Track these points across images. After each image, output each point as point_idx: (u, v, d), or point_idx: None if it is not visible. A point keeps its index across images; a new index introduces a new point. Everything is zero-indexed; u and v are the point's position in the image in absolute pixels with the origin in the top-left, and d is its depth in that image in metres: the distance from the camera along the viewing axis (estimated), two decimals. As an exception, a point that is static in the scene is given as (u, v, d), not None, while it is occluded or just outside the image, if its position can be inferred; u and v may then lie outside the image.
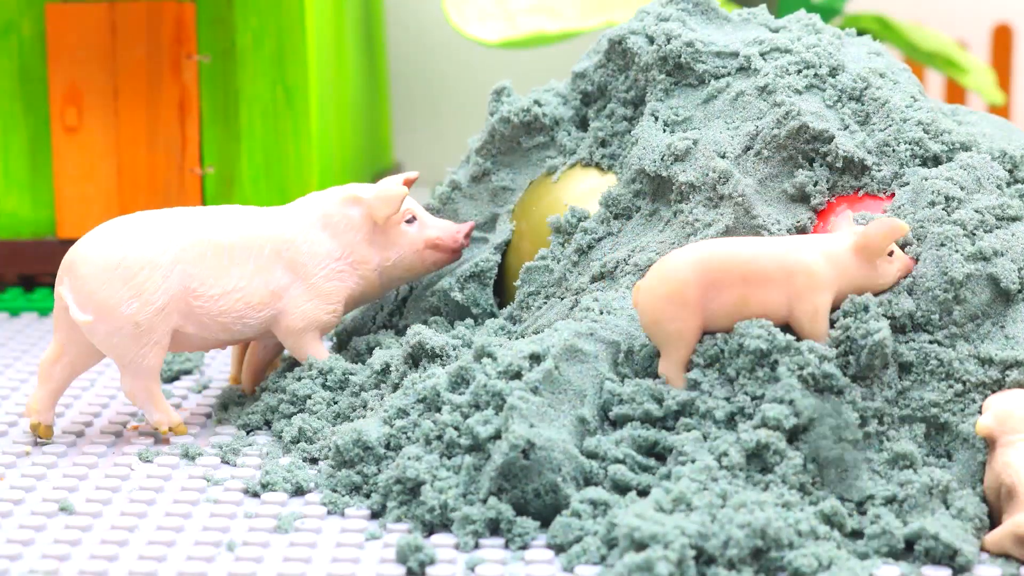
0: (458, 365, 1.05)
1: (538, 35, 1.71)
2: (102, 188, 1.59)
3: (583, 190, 1.24)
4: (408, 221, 1.22)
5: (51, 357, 1.15)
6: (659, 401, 1.02)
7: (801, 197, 1.13)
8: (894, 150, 1.13)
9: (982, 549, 0.95)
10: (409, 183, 1.23)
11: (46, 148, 1.61)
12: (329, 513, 1.03)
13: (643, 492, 0.99)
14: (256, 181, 1.62)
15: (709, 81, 1.20)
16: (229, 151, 1.62)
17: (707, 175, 1.13)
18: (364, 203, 1.20)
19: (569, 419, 1.01)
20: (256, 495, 1.06)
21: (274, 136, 1.62)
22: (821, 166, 1.13)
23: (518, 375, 1.02)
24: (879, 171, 1.12)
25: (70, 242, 1.60)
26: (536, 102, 1.27)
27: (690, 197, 1.13)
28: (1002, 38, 2.18)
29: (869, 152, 1.13)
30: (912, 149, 1.13)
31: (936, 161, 1.13)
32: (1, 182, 1.61)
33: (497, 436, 1.00)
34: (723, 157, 1.14)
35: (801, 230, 1.11)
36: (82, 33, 1.58)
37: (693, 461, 0.98)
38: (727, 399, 1.01)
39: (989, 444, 0.98)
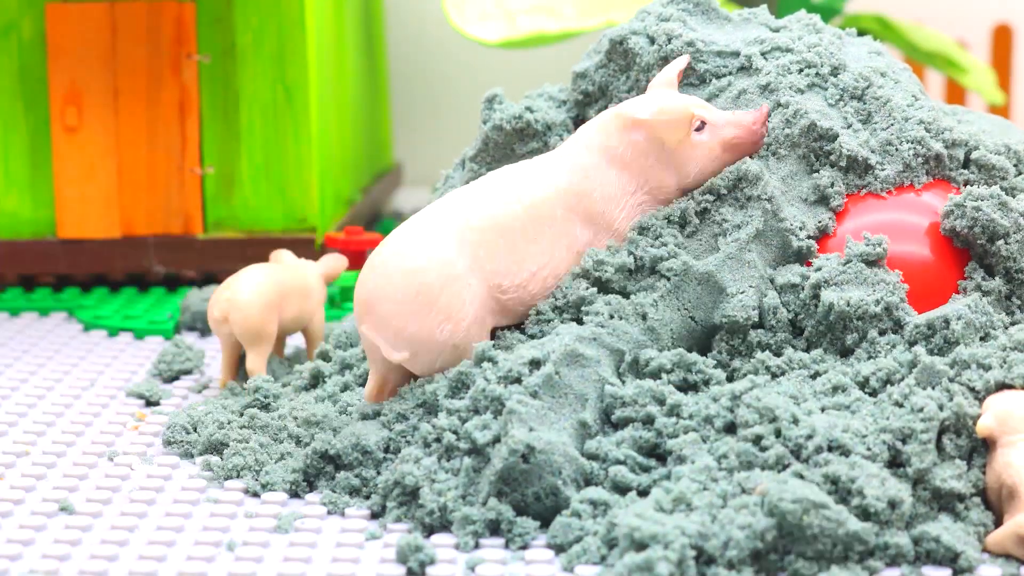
0: (457, 370, 1.05)
1: (538, 35, 1.71)
2: (102, 188, 1.59)
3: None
4: (698, 129, 1.09)
5: (374, 391, 1.10)
6: (661, 403, 1.02)
7: (820, 198, 1.12)
8: (897, 149, 1.13)
9: (983, 550, 0.95)
10: (681, 75, 1.13)
11: (46, 148, 1.61)
12: (329, 513, 1.03)
13: (643, 492, 0.99)
14: (256, 181, 1.62)
15: (710, 80, 1.20)
16: (229, 151, 1.62)
17: (736, 176, 1.12)
18: (646, 125, 1.08)
19: (570, 422, 1.01)
20: (256, 495, 1.06)
21: (274, 136, 1.61)
22: (825, 165, 1.13)
23: (518, 380, 1.02)
24: (883, 170, 1.13)
25: (70, 242, 1.60)
26: (528, 108, 1.26)
27: (718, 198, 1.12)
28: (1002, 38, 2.18)
29: (873, 151, 1.13)
30: (915, 148, 1.13)
31: (938, 160, 1.13)
32: (1, 182, 1.61)
33: (496, 441, 1.00)
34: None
35: (823, 231, 1.11)
36: (82, 33, 1.58)
37: (693, 462, 0.98)
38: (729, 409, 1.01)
39: (990, 444, 0.98)
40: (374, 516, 1.03)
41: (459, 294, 1.05)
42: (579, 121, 1.28)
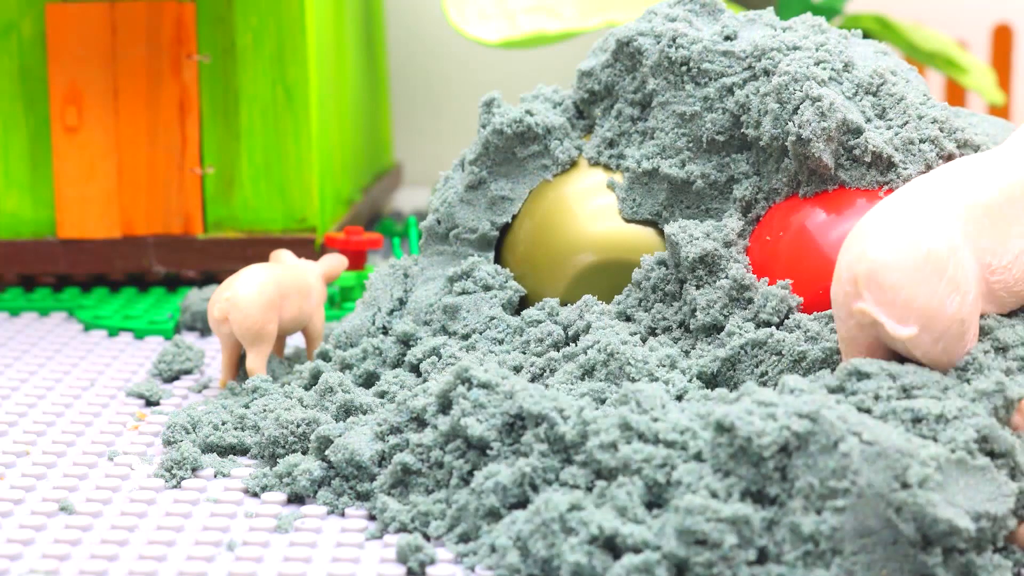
0: (441, 388, 1.03)
1: (538, 35, 1.71)
2: (102, 188, 1.59)
3: (586, 186, 1.25)
4: None
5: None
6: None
7: None
8: (920, 149, 1.13)
9: (1011, 541, 0.94)
10: None
11: (46, 148, 1.61)
12: (329, 513, 1.03)
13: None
14: (256, 181, 1.62)
15: (718, 79, 1.20)
16: (229, 151, 1.62)
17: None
18: None
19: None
20: (256, 495, 1.06)
21: (274, 136, 1.61)
22: (848, 160, 1.13)
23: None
24: (905, 169, 1.13)
25: (70, 242, 1.60)
26: (528, 112, 1.26)
27: None
28: (1002, 38, 2.18)
29: (896, 149, 1.13)
30: (932, 148, 1.13)
31: (950, 160, 1.14)
32: (1, 182, 1.61)
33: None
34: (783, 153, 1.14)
35: None
36: (82, 33, 1.58)
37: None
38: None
39: None
40: (373, 517, 1.03)
41: (963, 264, 0.98)
42: (573, 123, 1.28)
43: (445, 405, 1.03)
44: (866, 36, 1.96)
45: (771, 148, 1.17)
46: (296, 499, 1.06)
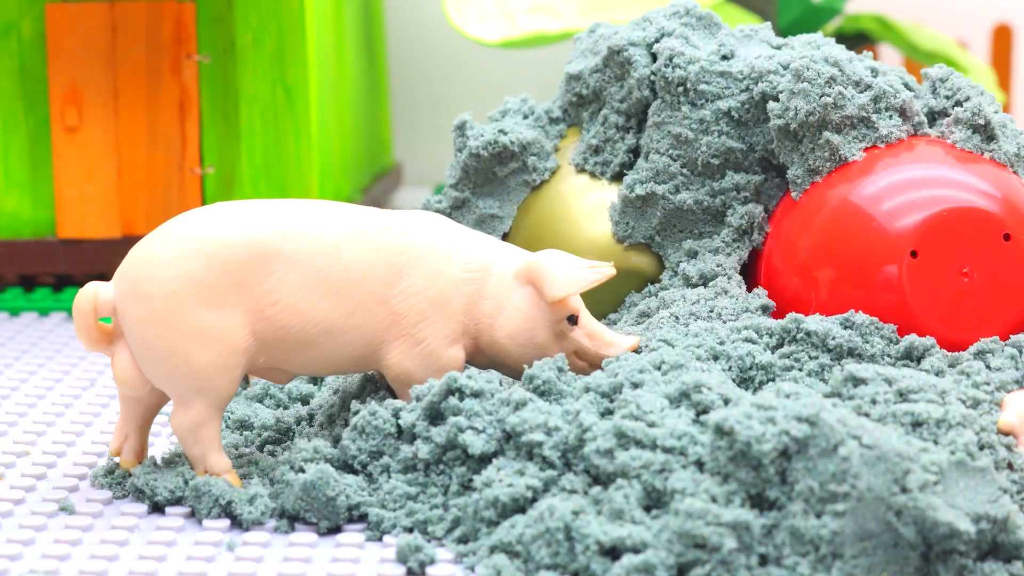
0: (430, 400, 1.01)
1: (538, 35, 1.71)
2: (102, 188, 1.59)
3: (570, 193, 1.25)
4: None
5: None
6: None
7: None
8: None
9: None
10: None
11: (46, 148, 1.61)
12: (329, 513, 1.03)
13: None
14: (256, 181, 1.62)
15: (714, 101, 1.20)
16: (229, 151, 1.62)
17: None
18: None
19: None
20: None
21: (274, 136, 1.62)
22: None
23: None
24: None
25: (70, 242, 1.60)
26: (501, 131, 1.26)
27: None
28: (1002, 38, 2.18)
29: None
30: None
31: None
32: (1, 182, 1.61)
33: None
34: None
35: None
36: (82, 33, 1.58)
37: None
38: None
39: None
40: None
41: None
42: (556, 126, 1.29)
43: (434, 417, 1.02)
44: (867, 36, 1.97)
45: (803, 128, 1.16)
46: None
